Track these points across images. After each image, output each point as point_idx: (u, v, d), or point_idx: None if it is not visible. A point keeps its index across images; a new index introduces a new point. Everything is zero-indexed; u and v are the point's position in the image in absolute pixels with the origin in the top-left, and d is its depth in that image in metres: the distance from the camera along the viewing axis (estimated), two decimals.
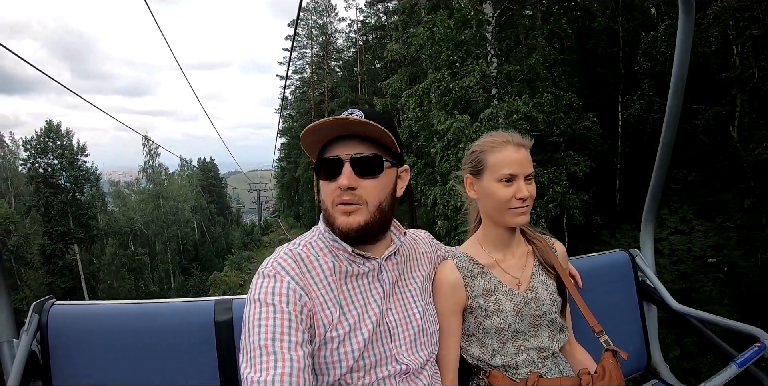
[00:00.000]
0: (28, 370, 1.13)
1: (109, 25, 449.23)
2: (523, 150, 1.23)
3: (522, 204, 1.21)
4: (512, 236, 1.30)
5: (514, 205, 1.21)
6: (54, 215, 21.17)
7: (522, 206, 1.21)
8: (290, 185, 43.14)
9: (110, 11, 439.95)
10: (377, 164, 1.04)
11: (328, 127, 1.00)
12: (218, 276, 26.09)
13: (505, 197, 1.21)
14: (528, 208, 1.22)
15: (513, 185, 1.20)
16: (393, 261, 1.14)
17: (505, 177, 1.21)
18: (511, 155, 1.21)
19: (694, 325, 1.63)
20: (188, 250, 32.53)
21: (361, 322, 1.03)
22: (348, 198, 1.01)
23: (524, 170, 1.21)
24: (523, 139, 1.26)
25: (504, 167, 1.21)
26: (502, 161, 1.21)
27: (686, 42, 1.57)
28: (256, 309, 0.92)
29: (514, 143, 1.23)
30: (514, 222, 1.22)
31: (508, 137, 1.25)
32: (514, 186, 1.20)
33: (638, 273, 1.83)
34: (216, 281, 25.23)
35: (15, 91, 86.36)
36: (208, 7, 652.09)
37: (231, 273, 26.34)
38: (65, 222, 21.41)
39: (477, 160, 1.26)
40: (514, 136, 1.25)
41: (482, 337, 1.25)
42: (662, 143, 1.73)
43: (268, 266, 1.00)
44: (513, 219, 1.22)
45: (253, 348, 0.87)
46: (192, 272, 29.47)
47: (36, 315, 1.22)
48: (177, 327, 1.27)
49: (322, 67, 33.18)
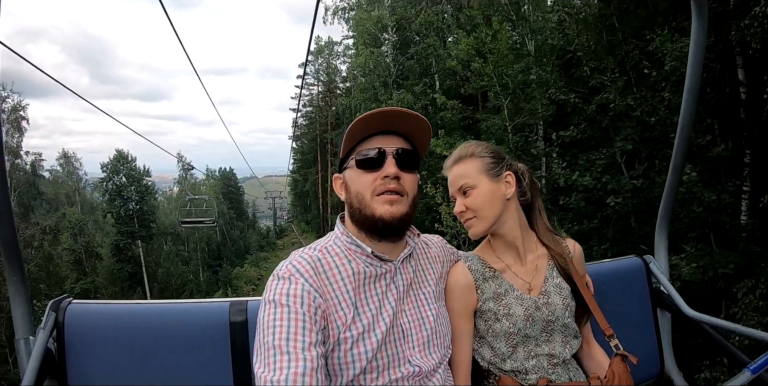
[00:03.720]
0: (43, 367, 1.13)
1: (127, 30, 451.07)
2: (455, 168, 1.26)
3: (465, 218, 1.24)
4: (524, 241, 1.27)
5: (461, 220, 1.27)
6: (124, 218, 28.93)
7: (468, 219, 1.24)
8: (302, 194, 46.72)
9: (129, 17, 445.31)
10: (416, 160, 1.09)
11: (379, 117, 1.02)
12: (240, 271, 32.56)
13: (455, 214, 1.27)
14: (473, 219, 1.23)
15: (457, 203, 1.26)
16: (408, 264, 1.15)
17: (452, 198, 1.28)
18: (448, 179, 1.28)
19: (709, 332, 1.60)
20: (213, 250, 38.21)
21: (375, 324, 1.03)
22: (394, 186, 1.03)
23: (454, 189, 1.25)
24: (463, 149, 1.27)
25: (449, 191, 1.29)
26: (448, 185, 1.28)
27: (699, 46, 1.50)
28: (271, 309, 0.94)
29: (448, 166, 1.28)
30: (470, 235, 1.27)
31: (447, 160, 1.30)
32: (456, 205, 1.26)
33: (652, 279, 1.79)
34: (239, 274, 31.74)
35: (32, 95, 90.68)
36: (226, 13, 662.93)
37: (250, 269, 32.81)
38: (132, 224, 29.05)
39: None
40: (451, 156, 1.29)
41: (492, 340, 1.23)
42: (676, 147, 1.68)
43: (283, 269, 1.01)
44: (468, 232, 1.26)
45: (267, 348, 0.88)
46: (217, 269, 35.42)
47: (53, 313, 1.23)
48: (192, 328, 1.28)
49: (326, 101, 38.49)
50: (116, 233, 28.82)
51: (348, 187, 1.09)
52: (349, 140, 1.07)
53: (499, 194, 1.22)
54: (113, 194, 29.15)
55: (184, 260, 32.41)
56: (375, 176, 1.04)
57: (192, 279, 31.56)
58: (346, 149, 1.09)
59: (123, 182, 29.67)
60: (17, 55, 5.12)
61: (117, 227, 28.99)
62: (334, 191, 1.16)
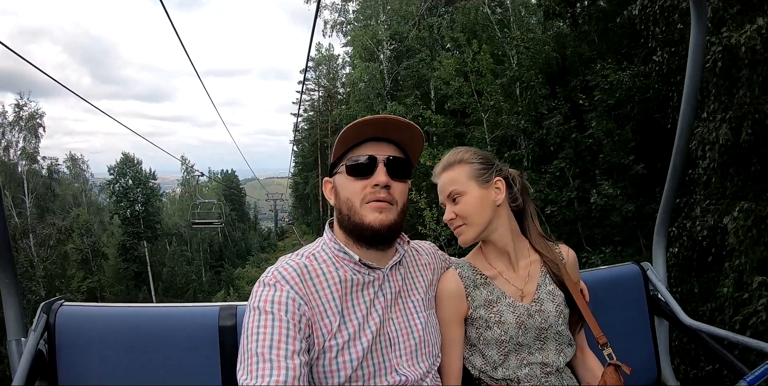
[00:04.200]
0: (34, 369, 1.13)
1: (130, 30, 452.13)
2: (444, 174, 1.25)
3: (455, 225, 1.23)
4: (515, 247, 1.26)
5: (451, 228, 1.26)
6: (131, 219, 29.99)
7: (458, 226, 1.23)
8: (303, 197, 47.18)
9: (131, 17, 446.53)
10: (407, 168, 1.09)
11: (373, 124, 1.02)
12: (242, 271, 33.31)
13: (445, 221, 1.27)
14: (462, 227, 1.22)
15: (446, 210, 1.25)
16: (397, 271, 1.14)
17: (443, 205, 1.27)
18: (438, 186, 1.27)
19: (706, 341, 1.58)
20: (215, 251, 38.82)
21: (361, 332, 1.02)
22: (384, 195, 1.03)
23: (443, 196, 1.24)
24: (452, 155, 1.27)
25: (439, 198, 1.27)
26: (438, 192, 1.28)
27: (699, 49, 1.49)
28: (255, 316, 0.93)
29: (437, 173, 1.27)
30: (459, 242, 1.25)
31: (436, 167, 1.29)
32: (445, 212, 1.25)
33: (649, 287, 1.77)
34: (241, 275, 32.50)
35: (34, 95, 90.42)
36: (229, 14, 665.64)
37: (252, 270, 33.54)
38: (138, 225, 30.11)
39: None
40: (440, 162, 1.28)
41: (483, 348, 1.21)
42: (675, 154, 1.66)
43: (269, 276, 1.00)
44: (458, 239, 1.25)
45: (250, 356, 0.87)
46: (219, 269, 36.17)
47: (44, 314, 1.23)
48: (182, 331, 1.29)
49: (326, 106, 39.20)
50: (123, 234, 29.99)
51: (338, 192, 1.09)
52: (340, 145, 1.07)
53: (488, 200, 1.21)
54: (120, 196, 30.32)
55: (188, 261, 33.38)
56: (365, 184, 1.04)
57: (195, 279, 32.45)
58: (337, 153, 1.09)
59: (129, 184, 30.82)
60: (18, 56, 5.21)
61: (123, 228, 30.14)
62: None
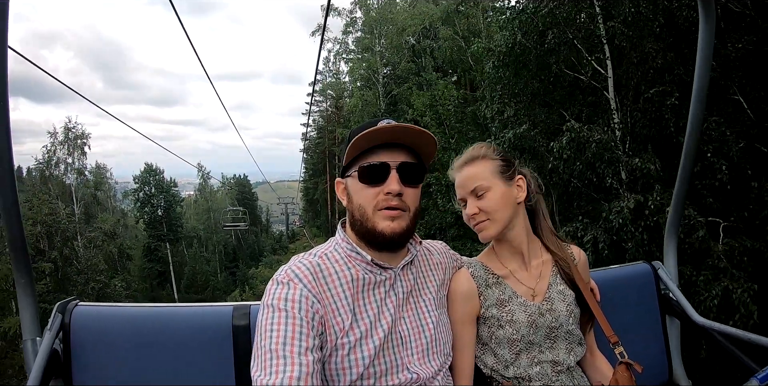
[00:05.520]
0: (49, 368, 1.14)
1: (141, 35, 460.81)
2: (467, 169, 1.24)
3: (477, 220, 1.22)
4: (529, 246, 1.26)
5: (471, 224, 1.24)
6: (154, 223, 33.01)
7: (481, 222, 1.21)
8: (313, 201, 48.40)
9: (142, 22, 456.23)
10: (420, 173, 1.08)
11: (384, 132, 1.01)
12: (255, 271, 35.49)
13: (465, 219, 1.26)
14: (485, 222, 1.21)
15: (467, 206, 1.24)
16: (409, 271, 1.15)
17: (461, 202, 1.27)
18: (457, 180, 1.26)
19: (717, 339, 1.57)
20: (229, 252, 40.95)
21: (373, 330, 1.03)
22: (396, 203, 1.03)
23: (465, 191, 1.23)
24: (474, 150, 1.26)
25: (457, 192, 1.26)
26: (456, 187, 1.26)
27: (707, 47, 1.48)
28: (269, 314, 0.94)
29: (457, 166, 1.26)
30: (480, 238, 1.24)
31: (456, 161, 1.28)
32: (468, 207, 1.23)
33: (660, 286, 1.77)
34: (255, 275, 34.68)
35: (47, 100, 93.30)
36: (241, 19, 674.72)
37: (265, 270, 35.64)
38: (162, 228, 33.04)
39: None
40: (460, 157, 1.27)
41: (495, 347, 1.22)
42: (685, 152, 1.65)
43: (282, 274, 1.01)
44: (479, 235, 1.24)
45: (264, 352, 0.89)
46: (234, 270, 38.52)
47: (59, 314, 1.24)
48: (196, 331, 1.29)
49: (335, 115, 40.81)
50: (147, 237, 32.93)
51: (350, 196, 1.09)
52: (353, 149, 1.05)
53: (511, 197, 1.22)
54: (144, 203, 33.31)
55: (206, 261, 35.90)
56: (377, 191, 1.04)
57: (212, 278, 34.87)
58: (349, 157, 1.07)
59: (152, 192, 33.86)
60: (31, 63, 5.34)
61: (148, 231, 33.07)
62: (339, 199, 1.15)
